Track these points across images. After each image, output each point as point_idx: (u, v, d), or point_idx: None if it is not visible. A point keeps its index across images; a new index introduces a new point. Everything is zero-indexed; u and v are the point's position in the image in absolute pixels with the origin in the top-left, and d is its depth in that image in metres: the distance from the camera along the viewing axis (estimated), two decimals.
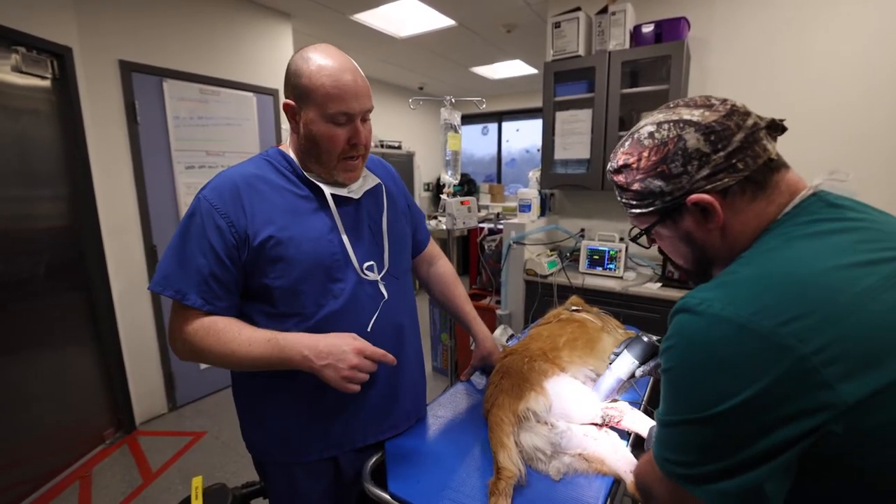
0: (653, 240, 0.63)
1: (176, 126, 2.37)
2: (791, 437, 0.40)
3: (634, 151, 0.56)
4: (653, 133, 0.54)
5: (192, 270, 0.75)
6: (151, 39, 2.24)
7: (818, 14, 1.90)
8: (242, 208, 0.76)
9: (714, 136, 0.51)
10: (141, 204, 2.27)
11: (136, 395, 2.30)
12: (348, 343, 0.74)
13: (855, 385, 0.39)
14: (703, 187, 0.51)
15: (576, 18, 2.18)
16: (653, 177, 0.54)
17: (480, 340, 1.11)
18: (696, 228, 0.54)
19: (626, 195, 0.59)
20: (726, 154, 0.50)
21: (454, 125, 1.70)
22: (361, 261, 0.83)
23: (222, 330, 0.75)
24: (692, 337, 0.46)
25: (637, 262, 2.34)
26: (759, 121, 0.52)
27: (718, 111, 0.52)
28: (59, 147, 1.94)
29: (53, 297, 1.93)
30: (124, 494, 1.84)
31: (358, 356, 0.73)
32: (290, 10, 2.86)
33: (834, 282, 0.43)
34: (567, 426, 0.84)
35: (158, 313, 2.39)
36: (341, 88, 0.74)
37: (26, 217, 1.82)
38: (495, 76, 4.71)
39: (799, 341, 0.40)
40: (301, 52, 0.78)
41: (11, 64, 1.72)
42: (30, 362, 1.82)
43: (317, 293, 0.79)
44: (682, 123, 0.52)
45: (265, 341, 0.73)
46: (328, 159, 0.79)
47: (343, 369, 0.72)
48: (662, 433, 0.50)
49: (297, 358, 0.72)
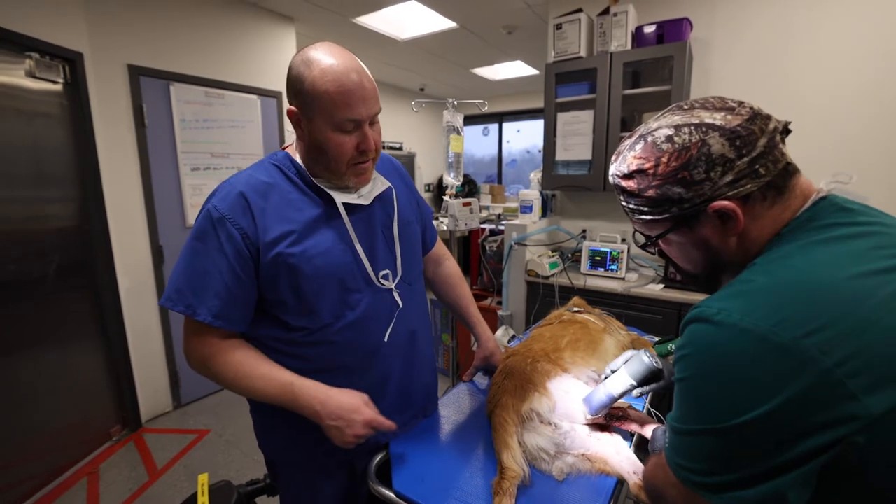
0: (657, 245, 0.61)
1: (182, 128, 2.40)
2: (814, 448, 0.40)
3: (651, 156, 0.53)
4: (671, 137, 0.51)
5: (203, 285, 0.72)
6: (159, 44, 2.28)
7: (820, 15, 1.90)
8: (253, 219, 0.73)
9: (739, 140, 0.49)
10: (148, 205, 2.30)
11: (141, 392, 2.33)
12: (359, 411, 0.74)
13: (880, 396, 0.38)
14: (726, 194, 0.49)
15: (577, 20, 2.18)
16: (672, 183, 0.51)
17: (483, 341, 1.12)
18: (713, 235, 0.53)
19: (637, 201, 0.56)
20: (750, 159, 0.48)
21: (457, 127, 1.72)
22: (377, 270, 0.82)
23: (239, 363, 0.75)
24: (710, 347, 0.45)
25: (639, 264, 2.35)
26: (778, 124, 0.51)
27: (741, 115, 0.50)
28: (70, 150, 1.97)
29: (63, 296, 1.97)
30: (131, 491, 1.87)
31: (365, 427, 0.74)
32: (293, 13, 2.88)
33: (853, 292, 0.42)
34: (571, 426, 0.85)
35: (164, 313, 2.42)
36: (347, 94, 0.70)
37: (38, 218, 1.85)
38: (496, 77, 4.72)
39: (822, 353, 0.39)
40: (301, 53, 0.73)
41: (25, 69, 1.75)
42: (39, 360, 1.85)
43: (333, 306, 0.77)
44: (705, 127, 0.50)
45: (280, 385, 0.74)
46: (337, 166, 0.76)
47: (348, 435, 0.74)
48: (677, 440, 0.49)
49: (308, 410, 0.74)
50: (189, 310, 0.73)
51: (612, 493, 0.75)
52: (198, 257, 0.73)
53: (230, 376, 0.75)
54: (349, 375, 0.82)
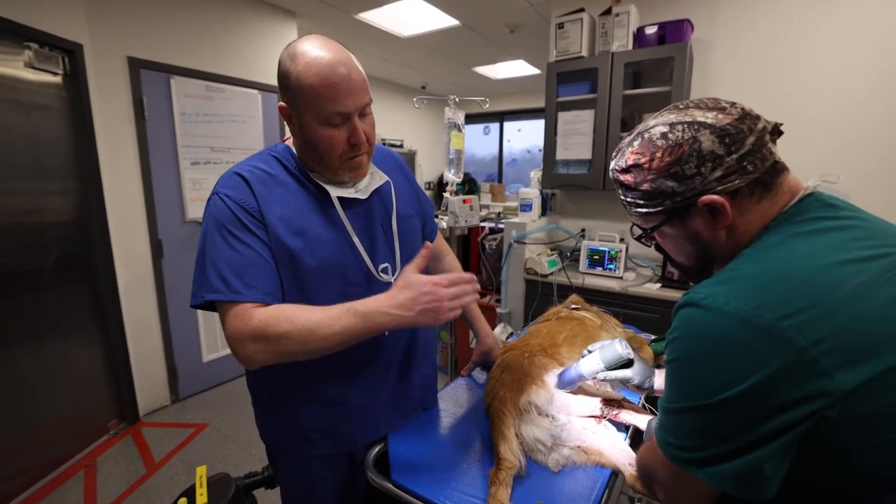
0: (653, 238, 0.64)
1: (182, 122, 2.40)
2: (789, 421, 0.43)
3: (646, 151, 0.56)
4: (666, 134, 0.55)
5: (246, 268, 0.70)
6: (159, 36, 2.27)
7: (821, 17, 1.91)
8: (257, 201, 0.74)
9: (728, 138, 0.52)
10: (147, 199, 2.30)
11: (139, 386, 2.33)
12: (424, 283, 0.70)
13: (850, 374, 0.42)
14: (715, 188, 0.53)
15: (579, 19, 2.19)
16: (665, 177, 0.55)
17: (482, 337, 1.13)
18: (704, 228, 0.56)
19: (633, 194, 0.59)
20: (738, 156, 0.52)
21: (458, 124, 1.72)
22: (377, 263, 0.82)
23: (292, 315, 0.69)
24: (697, 329, 0.49)
25: (637, 263, 2.36)
26: (767, 124, 0.54)
27: (731, 114, 0.53)
28: (69, 142, 1.97)
29: (61, 289, 1.96)
30: (128, 483, 1.87)
31: (448, 286, 0.70)
32: (295, 8, 2.88)
33: (830, 278, 0.45)
34: (567, 419, 0.86)
35: (163, 307, 2.42)
36: (332, 87, 0.68)
37: (36, 210, 1.85)
38: (498, 76, 4.72)
39: (798, 333, 0.43)
40: (288, 47, 0.72)
41: (24, 60, 1.75)
42: (37, 353, 1.85)
43: (334, 299, 0.75)
44: (697, 125, 0.53)
45: (345, 312, 0.69)
46: (330, 161, 0.75)
47: (444, 306, 0.69)
48: (666, 420, 0.52)
49: (384, 320, 0.69)
50: (239, 296, 0.70)
51: (607, 484, 0.76)
52: (228, 244, 0.71)
53: (294, 333, 0.68)
54: (351, 367, 0.83)
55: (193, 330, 2.58)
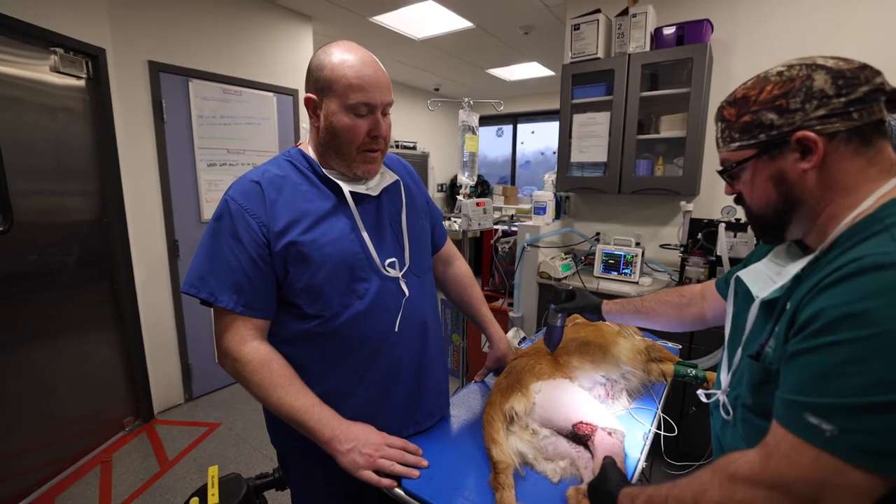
0: (737, 176, 0.60)
1: (199, 124, 2.44)
2: None
3: (757, 86, 0.56)
4: (782, 72, 0.55)
5: (225, 273, 0.75)
6: (178, 40, 2.32)
7: (846, 15, 1.85)
8: (266, 210, 0.77)
9: (842, 80, 0.51)
10: (165, 200, 2.34)
11: (154, 384, 2.37)
12: (372, 433, 0.79)
13: None
14: (814, 126, 0.51)
15: (595, 20, 2.16)
16: (767, 109, 0.54)
17: (496, 342, 1.11)
18: (791, 168, 0.54)
19: (730, 127, 0.58)
20: (847, 101, 0.50)
21: (472, 127, 1.71)
22: (383, 258, 0.83)
23: (273, 372, 0.76)
24: None
25: (653, 268, 2.31)
26: (886, 85, 0.52)
27: (853, 63, 0.52)
28: (91, 144, 2.02)
29: (81, 287, 2.01)
30: (142, 480, 1.90)
31: (379, 447, 0.77)
32: (311, 12, 2.91)
33: None
34: (551, 434, 0.84)
35: (178, 306, 2.45)
36: (363, 79, 0.75)
37: (59, 210, 1.90)
38: (511, 78, 4.71)
39: None
40: (323, 47, 0.79)
41: (50, 64, 1.80)
42: (56, 349, 1.89)
43: (341, 293, 0.79)
44: (815, 66, 0.53)
45: (310, 406, 0.76)
46: (348, 151, 0.79)
47: (362, 455, 0.75)
48: (863, 421, 0.40)
49: (321, 436, 0.75)
50: (212, 297, 0.75)
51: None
52: (218, 247, 0.76)
53: (260, 388, 0.76)
54: (361, 363, 0.82)
55: (207, 329, 2.61)
